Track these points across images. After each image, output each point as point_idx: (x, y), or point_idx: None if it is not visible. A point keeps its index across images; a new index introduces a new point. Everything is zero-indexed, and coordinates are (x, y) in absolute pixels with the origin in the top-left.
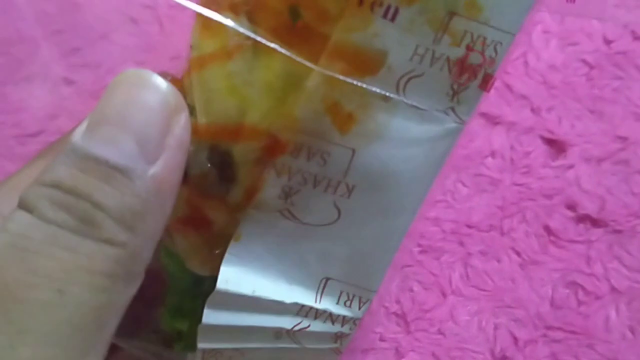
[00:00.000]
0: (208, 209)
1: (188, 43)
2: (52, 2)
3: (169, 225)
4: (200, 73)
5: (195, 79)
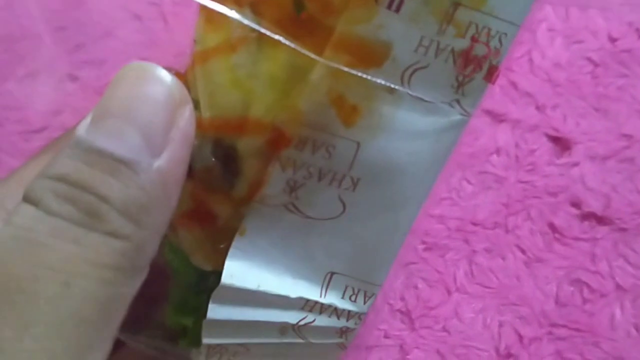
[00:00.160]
0: (213, 203)
1: (192, 39)
2: None
3: (174, 220)
4: (204, 67)
5: (199, 73)
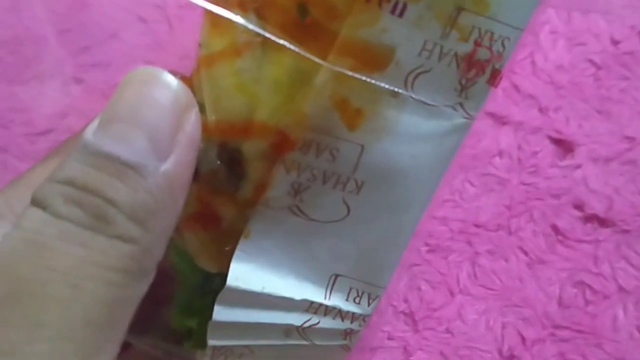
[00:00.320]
0: (218, 206)
1: (197, 42)
2: (61, 1)
3: (179, 223)
4: (209, 71)
5: (204, 77)
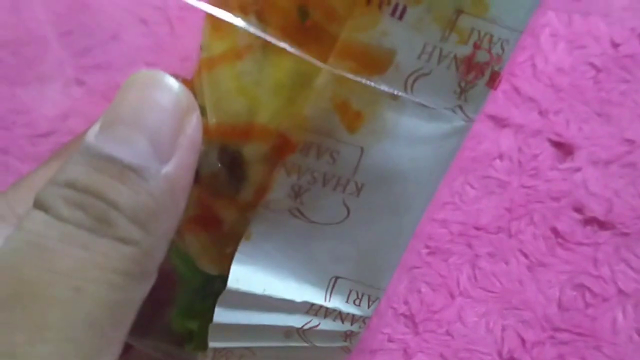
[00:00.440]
0: (219, 208)
1: (198, 44)
2: (62, 2)
3: (180, 225)
4: (210, 74)
5: (206, 80)
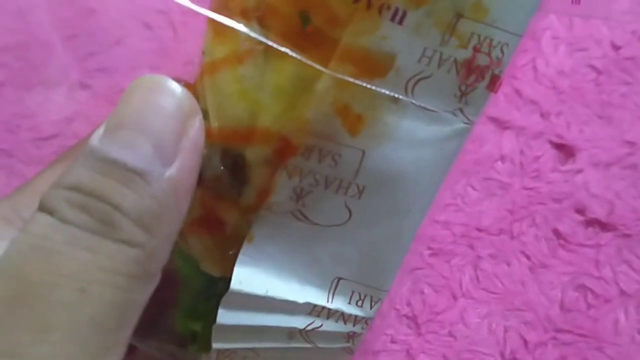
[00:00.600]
0: (221, 211)
1: (201, 49)
2: (67, 7)
3: (183, 227)
4: (213, 78)
5: (208, 84)
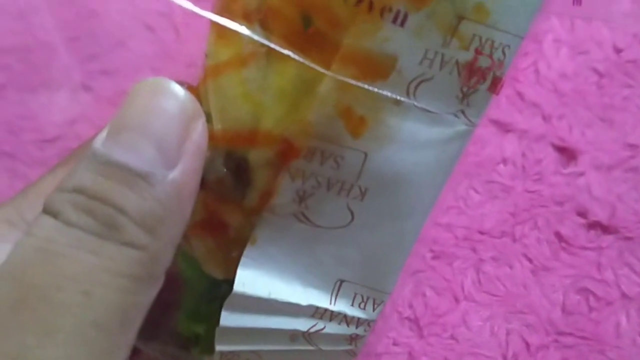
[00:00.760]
0: (224, 213)
1: (203, 51)
2: (69, 9)
3: (187, 230)
4: (216, 81)
5: (211, 87)
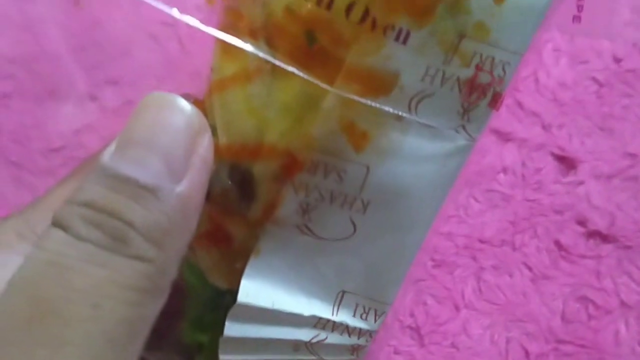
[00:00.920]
0: (229, 225)
1: (207, 62)
2: (74, 19)
3: (192, 241)
4: (221, 95)
5: (217, 101)
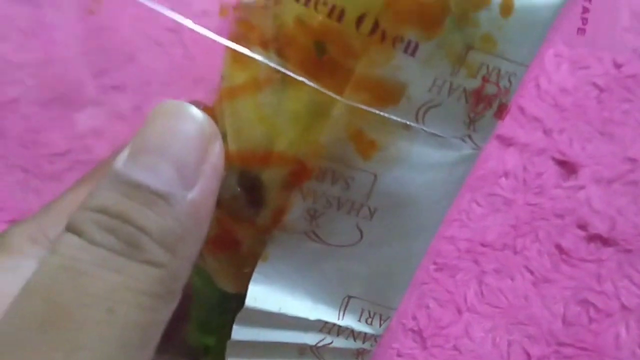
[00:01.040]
0: (237, 231)
1: (212, 67)
2: (80, 24)
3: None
4: (232, 103)
5: (227, 109)
